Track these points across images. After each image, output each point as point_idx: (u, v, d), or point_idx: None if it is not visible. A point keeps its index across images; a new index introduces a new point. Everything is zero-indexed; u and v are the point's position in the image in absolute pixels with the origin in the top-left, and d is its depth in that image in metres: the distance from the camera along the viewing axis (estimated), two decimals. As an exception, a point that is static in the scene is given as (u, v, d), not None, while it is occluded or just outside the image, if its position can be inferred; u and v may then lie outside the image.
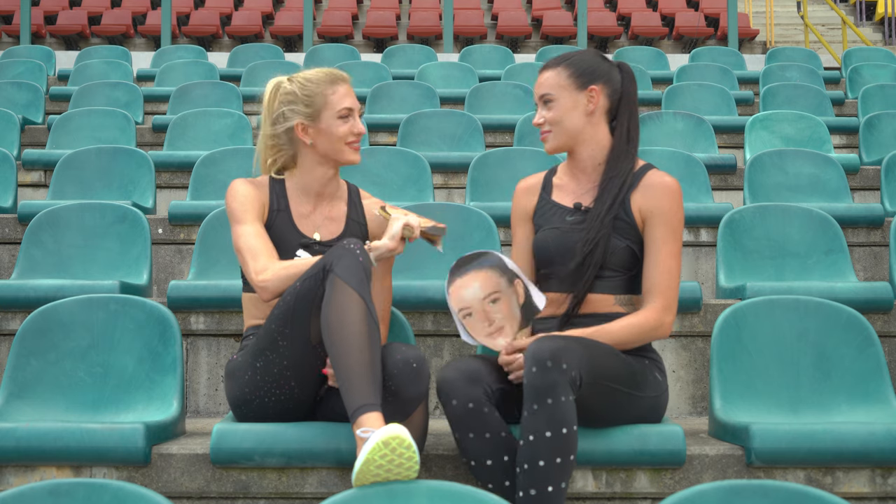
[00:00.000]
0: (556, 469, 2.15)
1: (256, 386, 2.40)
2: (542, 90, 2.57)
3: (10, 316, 3.34)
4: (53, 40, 12.02)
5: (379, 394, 2.18)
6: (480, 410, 2.25)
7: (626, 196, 2.52)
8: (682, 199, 2.54)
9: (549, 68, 2.59)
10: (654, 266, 2.48)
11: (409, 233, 2.42)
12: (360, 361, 2.19)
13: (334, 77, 2.64)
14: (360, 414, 2.13)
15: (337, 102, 2.60)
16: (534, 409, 2.16)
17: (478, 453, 2.26)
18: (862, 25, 12.88)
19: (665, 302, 2.46)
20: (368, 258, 2.34)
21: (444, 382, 2.28)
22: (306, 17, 9.53)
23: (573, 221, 2.54)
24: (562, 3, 12.99)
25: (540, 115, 2.57)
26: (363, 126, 2.65)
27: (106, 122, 5.61)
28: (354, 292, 2.25)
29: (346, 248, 2.32)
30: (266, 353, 2.38)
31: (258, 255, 2.48)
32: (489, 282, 2.43)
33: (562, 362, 2.17)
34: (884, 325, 3.35)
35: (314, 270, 2.33)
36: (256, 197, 2.60)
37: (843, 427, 2.44)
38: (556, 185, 2.64)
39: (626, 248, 2.50)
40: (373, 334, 2.24)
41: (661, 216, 2.49)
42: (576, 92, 2.55)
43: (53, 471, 2.42)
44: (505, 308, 2.42)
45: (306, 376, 2.38)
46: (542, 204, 2.63)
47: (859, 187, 5.21)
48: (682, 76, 7.32)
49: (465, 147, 5.37)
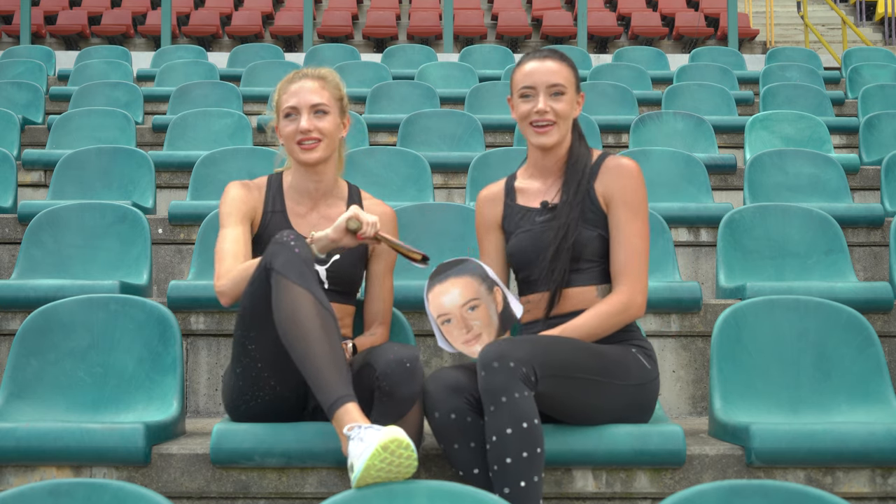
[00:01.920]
0: (524, 464, 2.15)
1: (242, 391, 2.42)
2: (556, 80, 2.54)
3: (10, 316, 3.34)
4: (53, 40, 12.01)
5: (348, 383, 2.16)
6: (463, 420, 2.26)
7: (589, 184, 2.53)
8: (643, 179, 2.53)
9: (557, 61, 2.57)
10: (618, 248, 2.49)
11: (355, 225, 2.37)
12: (321, 354, 2.17)
13: (295, 76, 2.64)
14: (336, 408, 2.12)
15: (284, 102, 2.61)
16: (491, 410, 2.17)
17: (465, 463, 2.27)
18: (862, 25, 12.88)
19: (631, 283, 2.46)
20: (306, 247, 2.31)
21: (425, 395, 2.29)
22: (306, 17, 9.53)
23: (543, 220, 2.55)
24: (562, 3, 12.99)
25: (546, 104, 2.53)
26: (311, 124, 2.56)
27: (106, 122, 5.61)
28: (297, 286, 2.23)
29: (280, 243, 2.29)
30: (241, 359, 2.39)
31: (224, 259, 2.48)
32: (468, 289, 2.42)
33: (508, 361, 2.17)
34: (884, 325, 3.35)
35: (258, 271, 2.31)
36: (246, 200, 2.60)
37: (843, 427, 2.44)
38: (519, 190, 2.64)
39: (598, 236, 2.50)
40: (328, 325, 2.21)
41: (620, 197, 2.50)
42: (575, 93, 2.60)
43: (53, 471, 2.42)
44: (483, 315, 2.42)
45: (284, 374, 2.37)
46: (508, 211, 2.63)
47: (859, 187, 5.21)
48: (682, 76, 7.32)
49: (465, 147, 5.37)
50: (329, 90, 2.62)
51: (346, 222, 2.38)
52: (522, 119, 2.56)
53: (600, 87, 6.49)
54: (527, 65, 2.58)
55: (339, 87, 2.66)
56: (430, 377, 2.32)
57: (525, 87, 2.56)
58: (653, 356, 2.51)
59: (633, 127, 5.45)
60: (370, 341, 2.61)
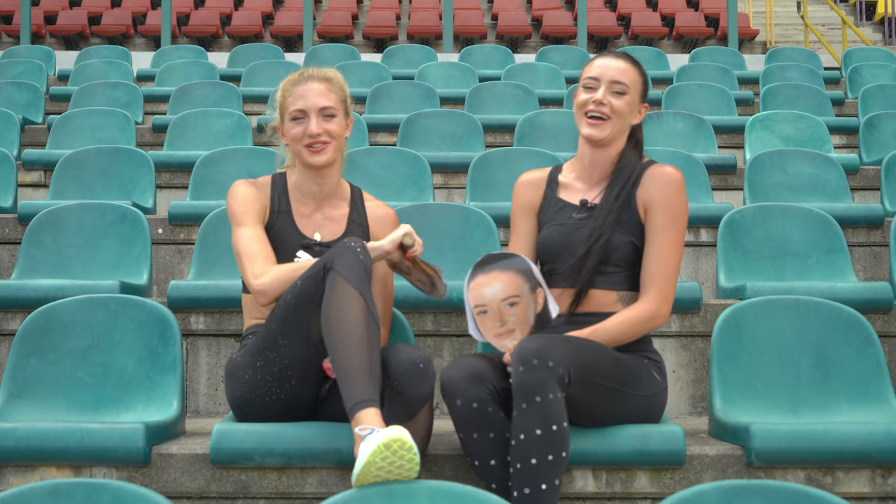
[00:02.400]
0: (548, 466, 2.15)
1: (257, 385, 2.41)
2: (621, 77, 2.54)
3: (10, 316, 3.34)
4: (53, 40, 12.02)
5: (378, 390, 2.18)
6: (485, 410, 2.25)
7: (631, 191, 2.53)
8: (685, 189, 2.54)
9: (627, 62, 2.58)
10: (651, 255, 2.49)
11: (410, 241, 2.42)
12: (359, 357, 2.19)
13: (301, 77, 2.64)
14: (357, 410, 2.13)
15: (291, 104, 2.61)
16: (523, 408, 2.17)
17: (482, 453, 2.26)
18: (862, 25, 12.88)
19: (661, 292, 2.47)
20: (369, 256, 2.34)
21: (448, 382, 2.28)
22: (306, 17, 9.53)
23: (579, 218, 2.55)
24: (562, 3, 12.99)
25: (605, 97, 2.53)
26: (320, 127, 2.58)
27: (106, 122, 5.61)
28: (354, 290, 2.26)
29: (346, 247, 2.32)
30: (266, 353, 2.38)
31: (256, 258, 2.48)
32: (512, 284, 2.40)
33: (548, 360, 2.17)
34: (884, 325, 3.35)
35: (315, 269, 2.33)
36: (257, 199, 2.61)
37: (843, 427, 2.44)
38: (562, 184, 2.64)
39: (629, 243, 2.50)
40: (372, 332, 2.24)
41: (660, 204, 2.50)
42: (638, 98, 2.59)
43: (53, 471, 2.42)
44: (521, 313, 2.40)
45: (307, 375, 2.38)
46: (547, 201, 2.63)
47: (859, 187, 5.21)
48: (682, 76, 7.32)
49: (465, 147, 5.37)
50: (335, 92, 2.63)
51: (403, 237, 2.42)
52: (580, 108, 2.57)
53: (600, 87, 6.47)
54: (597, 60, 2.59)
55: (344, 88, 2.67)
56: (453, 364, 2.32)
57: (589, 78, 2.57)
58: (662, 369, 2.52)
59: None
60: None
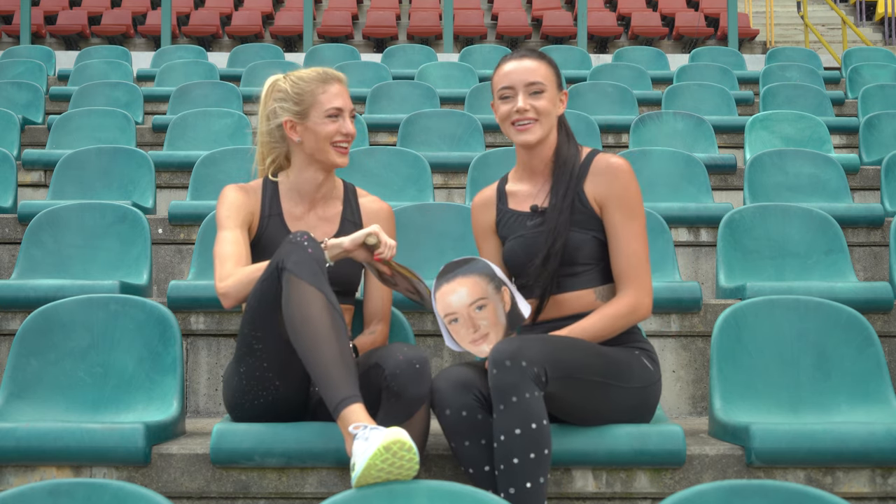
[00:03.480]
0: (531, 465, 2.15)
1: (244, 391, 2.42)
2: (534, 78, 2.52)
3: (10, 316, 3.34)
4: (53, 40, 12.01)
5: (356, 383, 2.17)
6: (474, 417, 2.26)
7: (579, 185, 2.51)
8: (634, 177, 2.51)
9: (535, 59, 2.55)
10: (618, 252, 2.48)
11: (374, 241, 2.38)
12: (331, 354, 2.18)
13: (327, 76, 2.63)
14: (342, 408, 2.12)
15: (326, 101, 2.59)
16: (501, 409, 2.17)
17: (475, 461, 2.26)
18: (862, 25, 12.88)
19: (636, 285, 2.46)
20: (319, 248, 2.31)
21: (435, 392, 2.28)
22: (306, 17, 9.53)
23: (534, 225, 2.54)
24: (562, 3, 12.99)
25: (526, 103, 2.51)
26: (353, 128, 2.61)
27: (106, 122, 5.61)
28: (310, 286, 2.23)
29: (293, 243, 2.30)
30: (246, 358, 2.39)
31: (226, 261, 2.48)
32: (476, 288, 2.41)
33: (521, 360, 2.17)
34: (884, 325, 3.35)
35: (269, 270, 2.32)
36: (244, 204, 2.60)
37: (843, 427, 2.44)
38: (510, 193, 2.63)
39: (592, 238, 2.49)
40: (337, 325, 2.22)
41: (615, 199, 2.48)
42: (556, 91, 2.57)
43: (53, 471, 2.42)
44: (491, 315, 2.41)
45: (289, 374, 2.38)
46: (501, 215, 2.62)
47: (859, 187, 5.21)
48: (682, 76, 7.32)
49: (465, 147, 5.37)
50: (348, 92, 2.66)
51: (365, 237, 2.39)
52: (504, 120, 2.55)
53: (600, 87, 6.49)
54: (504, 66, 2.56)
55: None
56: (440, 375, 2.32)
57: (504, 88, 2.54)
58: (655, 358, 2.51)
59: (633, 127, 5.45)
60: (370, 340, 2.62)
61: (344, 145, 2.61)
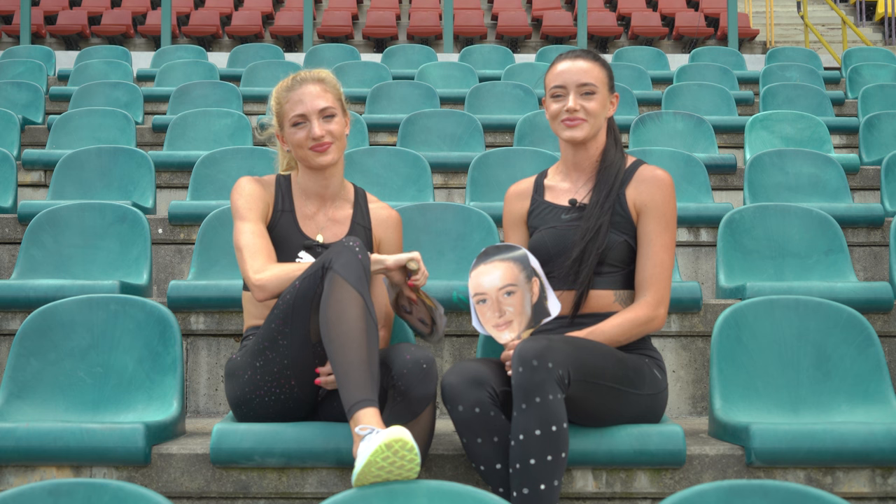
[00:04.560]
0: (547, 467, 2.15)
1: (256, 385, 2.41)
2: (587, 79, 2.56)
3: (10, 316, 3.34)
4: (53, 40, 12.02)
5: (376, 390, 2.18)
6: (487, 414, 2.25)
7: (621, 189, 2.54)
8: (675, 192, 2.57)
9: (589, 60, 2.59)
10: (646, 259, 2.50)
11: (415, 266, 2.41)
12: (358, 357, 2.19)
13: (294, 82, 2.64)
14: (356, 410, 2.12)
15: (290, 110, 2.61)
16: (522, 409, 2.17)
17: (487, 457, 2.26)
18: (862, 25, 12.88)
19: (657, 295, 2.48)
20: (367, 256, 2.34)
21: (448, 387, 2.28)
22: (306, 17, 9.53)
23: (569, 219, 2.56)
24: (562, 3, 12.99)
25: (577, 103, 2.55)
26: (321, 129, 2.58)
27: (106, 122, 5.61)
28: (353, 289, 2.25)
29: (345, 246, 2.32)
30: (266, 353, 2.38)
31: (257, 254, 2.48)
32: (509, 273, 2.44)
33: (547, 361, 2.17)
34: (884, 325, 3.35)
35: (314, 268, 2.33)
36: (262, 196, 2.61)
37: (843, 427, 2.44)
38: (549, 187, 2.65)
39: (624, 242, 2.52)
40: (370, 332, 2.23)
41: (654, 209, 2.52)
42: (607, 93, 2.62)
43: (53, 471, 2.42)
44: (518, 303, 2.43)
45: (306, 375, 2.38)
46: (535, 206, 2.64)
47: (859, 187, 5.21)
48: (682, 76, 7.32)
49: (465, 147, 5.37)
50: (330, 91, 2.63)
51: (408, 262, 2.42)
52: (554, 118, 2.59)
53: (600, 87, 6.47)
54: (559, 65, 2.60)
55: (337, 87, 2.68)
56: (452, 369, 2.32)
57: (556, 87, 2.58)
58: (663, 367, 2.52)
59: (633, 127, 5.45)
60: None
61: (320, 147, 2.59)
